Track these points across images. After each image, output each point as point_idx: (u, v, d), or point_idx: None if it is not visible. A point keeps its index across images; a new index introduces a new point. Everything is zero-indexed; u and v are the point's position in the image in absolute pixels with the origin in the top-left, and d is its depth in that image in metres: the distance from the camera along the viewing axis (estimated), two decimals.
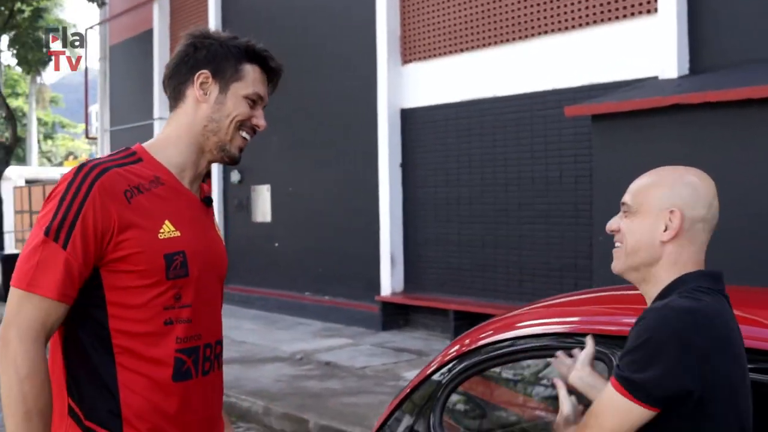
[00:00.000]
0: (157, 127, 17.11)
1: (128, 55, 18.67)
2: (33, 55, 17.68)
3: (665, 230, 1.90)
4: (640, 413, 1.74)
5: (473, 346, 3.31)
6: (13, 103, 45.19)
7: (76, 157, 40.69)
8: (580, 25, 9.08)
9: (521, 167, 9.68)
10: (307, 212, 13.06)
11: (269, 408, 7.55)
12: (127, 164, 2.02)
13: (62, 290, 1.89)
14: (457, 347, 3.40)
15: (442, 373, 3.17)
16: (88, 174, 1.93)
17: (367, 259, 11.67)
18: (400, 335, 10.93)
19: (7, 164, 18.54)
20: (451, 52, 10.65)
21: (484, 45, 10.19)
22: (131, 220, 1.94)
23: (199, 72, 2.11)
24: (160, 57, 17.34)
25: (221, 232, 2.29)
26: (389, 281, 11.32)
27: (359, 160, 11.96)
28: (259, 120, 2.19)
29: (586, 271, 8.57)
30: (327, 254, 12.61)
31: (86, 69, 21.13)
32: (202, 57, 2.12)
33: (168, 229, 2.00)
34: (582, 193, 8.79)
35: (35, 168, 36.72)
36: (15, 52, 17.76)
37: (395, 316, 11.34)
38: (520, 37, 9.74)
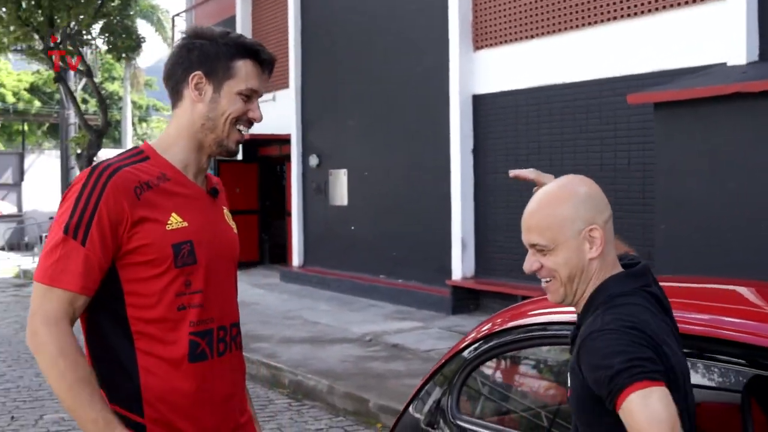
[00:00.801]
0: None
1: None
2: (122, 42, 18.27)
3: (591, 248, 1.97)
4: (667, 392, 1.74)
5: (504, 327, 3.36)
6: (109, 87, 46.62)
7: None
8: (649, 10, 9.00)
9: (589, 154, 9.67)
10: (382, 196, 13.28)
11: (333, 387, 7.80)
12: (136, 163, 2.18)
13: (83, 283, 2.06)
14: (489, 325, 3.46)
15: (469, 351, 3.23)
16: (101, 174, 2.09)
17: (438, 243, 11.82)
18: (470, 319, 11.05)
19: (98, 147, 19.22)
20: (521, 38, 10.67)
21: (554, 31, 10.19)
22: (141, 214, 2.10)
23: (193, 74, 2.20)
24: None
25: (232, 222, 2.43)
26: (460, 266, 11.45)
27: (431, 145, 12.09)
28: (255, 113, 2.28)
29: (653, 259, 8.54)
30: (400, 238, 12.81)
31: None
32: (195, 58, 2.20)
33: (175, 221, 2.15)
34: (650, 181, 8.74)
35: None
36: (105, 39, 18.38)
37: (465, 300, 11.47)
38: (589, 23, 9.71)
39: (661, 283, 2.15)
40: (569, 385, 2.03)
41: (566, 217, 1.97)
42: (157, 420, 2.15)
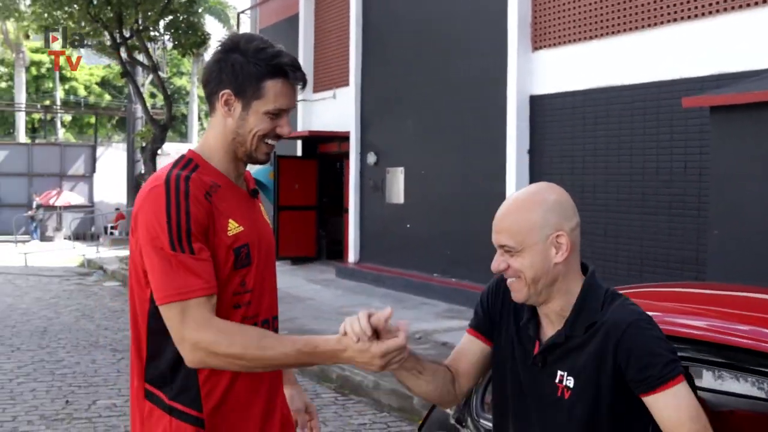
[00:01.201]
0: (300, 109, 17.73)
1: (277, 38, 19.14)
2: (187, 38, 18.61)
3: (557, 253, 2.05)
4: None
5: None
6: (177, 82, 47.48)
7: None
8: (710, 12, 8.87)
9: (646, 157, 9.57)
10: (438, 195, 13.31)
11: (379, 383, 7.86)
12: (191, 172, 2.24)
13: (207, 285, 2.13)
14: None
15: None
16: (178, 183, 2.16)
17: (490, 243, 11.78)
18: None
19: (162, 141, 19.62)
20: (580, 39, 10.60)
21: (613, 33, 10.10)
22: (213, 219, 2.20)
23: (223, 91, 2.25)
24: (305, 40, 17.96)
25: (267, 216, 2.51)
26: None
27: (488, 145, 12.08)
28: (282, 129, 2.30)
29: (705, 265, 8.42)
30: (455, 237, 12.82)
31: None
32: (226, 76, 2.25)
33: (233, 226, 2.24)
34: (706, 185, 8.61)
35: (192, 145, 38.55)
36: (171, 36, 18.75)
37: None
38: (649, 25, 9.60)
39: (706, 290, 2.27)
40: (575, 388, 2.06)
41: (535, 222, 2.05)
42: (215, 412, 2.25)
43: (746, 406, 3.73)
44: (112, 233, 28.41)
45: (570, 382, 2.05)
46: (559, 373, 2.07)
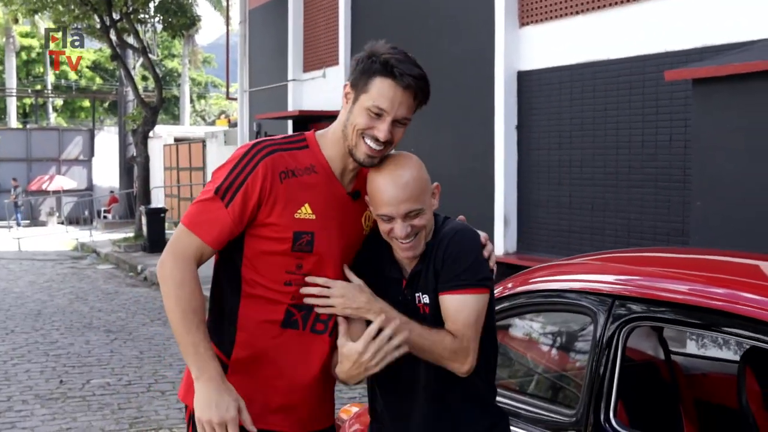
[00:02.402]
0: (291, 89, 17.75)
1: (266, 19, 19.35)
2: (177, 20, 18.57)
3: (435, 200, 2.49)
4: (486, 298, 2.37)
5: (514, 291, 3.46)
6: (169, 64, 47.38)
7: (228, 117, 42.11)
8: None
9: (632, 131, 9.63)
10: (427, 171, 13.34)
11: None
12: (294, 149, 2.43)
13: (216, 238, 2.35)
14: (500, 289, 3.56)
15: None
16: (258, 152, 2.37)
17: (481, 219, 11.85)
18: None
19: (153, 124, 19.61)
20: (566, 14, 10.64)
21: (598, 7, 10.13)
22: (278, 196, 2.35)
23: (346, 83, 2.41)
24: (294, 19, 17.94)
25: (367, 224, 2.55)
26: (502, 242, 11.50)
27: (476, 121, 12.13)
28: (378, 132, 2.34)
29: (689, 236, 8.51)
30: (445, 212, 12.85)
31: (227, 32, 22.02)
32: (353, 71, 2.40)
33: (305, 211, 2.38)
34: (690, 157, 8.68)
35: (184, 127, 38.52)
36: (161, 18, 18.70)
37: (507, 275, 11.50)
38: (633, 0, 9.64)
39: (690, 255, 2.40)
40: (431, 302, 2.40)
41: (426, 180, 2.43)
42: (240, 363, 2.43)
43: (721, 369, 3.82)
44: (105, 216, 28.44)
45: (426, 298, 2.39)
46: (416, 295, 2.40)
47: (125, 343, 9.50)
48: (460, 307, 2.31)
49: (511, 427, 2.61)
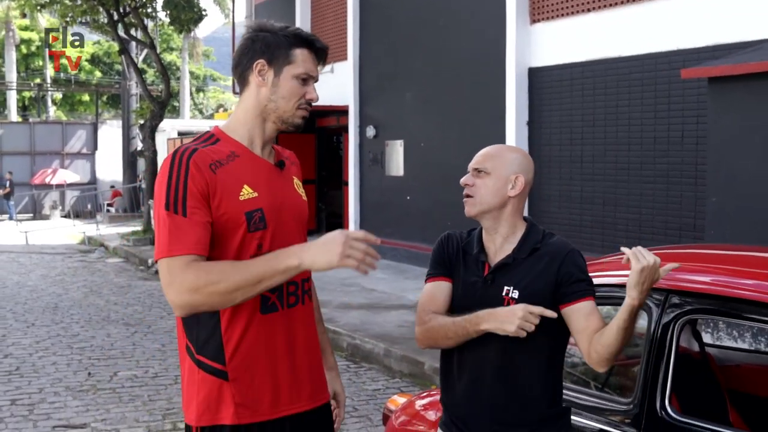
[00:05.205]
0: None
1: (272, 14, 19.45)
2: (185, 14, 18.67)
3: (512, 188, 2.63)
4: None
5: None
6: (168, 57, 47.31)
7: (226, 110, 42.04)
8: None
9: (643, 127, 9.80)
10: (437, 167, 13.51)
11: (390, 350, 8.13)
12: (209, 145, 2.50)
13: (195, 245, 2.33)
14: None
15: None
16: (182, 155, 2.40)
17: None
18: None
19: (161, 118, 19.70)
20: (578, 11, 10.80)
21: (610, 5, 10.30)
22: (217, 186, 2.41)
23: (257, 61, 2.51)
24: (302, 13, 18.08)
25: (301, 190, 2.72)
26: None
27: (487, 117, 12.29)
28: (311, 94, 2.56)
29: (703, 232, 8.69)
30: (455, 208, 12.94)
31: (233, 26, 22.12)
32: (258, 48, 2.51)
33: (246, 192, 2.46)
34: (703, 153, 8.86)
35: (188, 120, 38.59)
36: (168, 12, 18.79)
37: None
38: None
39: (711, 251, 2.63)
40: (519, 299, 2.57)
41: (510, 160, 2.66)
42: (237, 365, 2.46)
43: (755, 360, 3.98)
44: (108, 210, 28.55)
45: (515, 294, 2.56)
46: (506, 287, 2.59)
47: (146, 336, 9.65)
48: (593, 309, 2.54)
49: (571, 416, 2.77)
